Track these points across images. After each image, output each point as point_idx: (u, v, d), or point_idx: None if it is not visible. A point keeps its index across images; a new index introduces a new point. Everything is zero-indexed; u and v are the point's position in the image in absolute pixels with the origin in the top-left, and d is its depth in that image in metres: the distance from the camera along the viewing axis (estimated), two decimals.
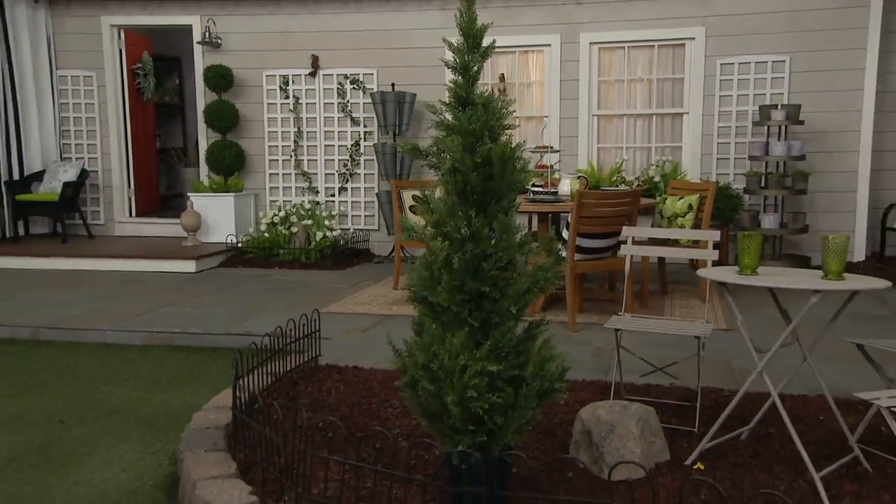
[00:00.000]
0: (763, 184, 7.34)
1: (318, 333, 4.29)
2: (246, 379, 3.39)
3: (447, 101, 2.54)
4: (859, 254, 7.52)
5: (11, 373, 4.54)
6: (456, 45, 2.53)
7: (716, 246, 3.70)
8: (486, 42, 2.54)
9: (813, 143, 7.55)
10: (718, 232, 3.75)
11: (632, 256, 3.79)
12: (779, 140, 7.23)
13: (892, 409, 2.34)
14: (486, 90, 2.59)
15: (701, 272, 3.04)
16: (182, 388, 4.26)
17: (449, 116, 2.52)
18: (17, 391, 4.20)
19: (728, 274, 2.91)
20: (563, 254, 4.96)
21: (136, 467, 3.20)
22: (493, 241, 2.44)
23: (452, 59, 2.53)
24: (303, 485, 2.59)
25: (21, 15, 8.83)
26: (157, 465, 3.23)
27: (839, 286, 2.71)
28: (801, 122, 7.18)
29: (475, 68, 2.53)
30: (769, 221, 7.22)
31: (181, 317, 5.58)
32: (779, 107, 7.19)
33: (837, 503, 2.58)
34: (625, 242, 3.84)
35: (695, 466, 2.86)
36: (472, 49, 2.52)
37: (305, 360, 4.14)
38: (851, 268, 5.07)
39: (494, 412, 2.40)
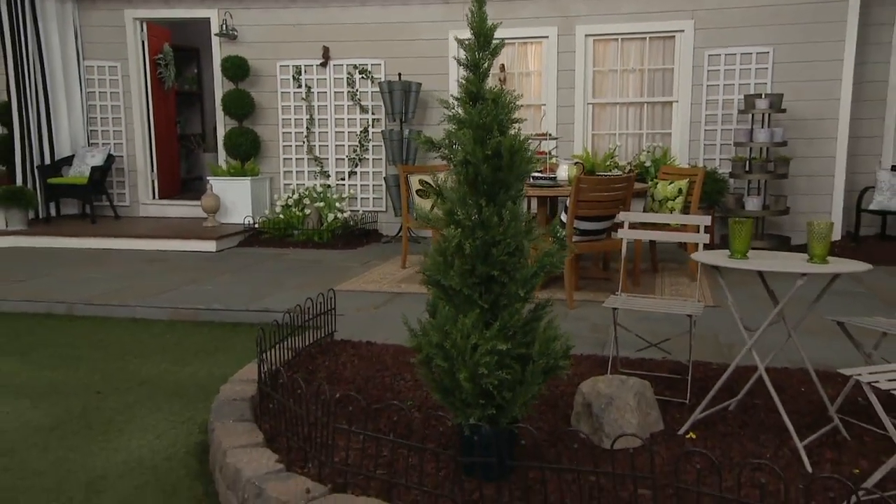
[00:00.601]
0: (747, 168, 7.32)
1: (333, 311, 4.30)
2: (268, 354, 3.41)
3: (458, 95, 2.51)
4: (836, 234, 7.53)
5: (50, 346, 4.56)
6: (467, 43, 2.51)
7: (705, 229, 3.69)
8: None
9: (794, 130, 7.53)
10: (709, 217, 3.74)
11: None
12: (762, 127, 7.20)
13: (873, 384, 2.35)
14: (496, 86, 2.56)
15: (694, 256, 3.04)
16: (208, 361, 4.28)
17: (460, 111, 2.51)
18: (56, 364, 4.23)
19: (720, 258, 2.91)
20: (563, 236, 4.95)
21: (169, 435, 3.23)
22: (502, 229, 2.43)
23: (464, 57, 2.50)
24: (325, 453, 2.61)
25: (50, 8, 8.74)
26: (187, 433, 3.26)
27: (824, 269, 2.71)
28: (784, 111, 7.16)
29: (485, 65, 2.50)
30: (752, 204, 7.23)
31: (204, 294, 5.59)
32: (762, 96, 7.15)
33: (819, 469, 2.61)
34: (620, 225, 3.83)
35: (687, 436, 2.88)
36: (483, 47, 2.50)
37: (322, 335, 4.15)
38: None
39: (503, 388, 2.41)
